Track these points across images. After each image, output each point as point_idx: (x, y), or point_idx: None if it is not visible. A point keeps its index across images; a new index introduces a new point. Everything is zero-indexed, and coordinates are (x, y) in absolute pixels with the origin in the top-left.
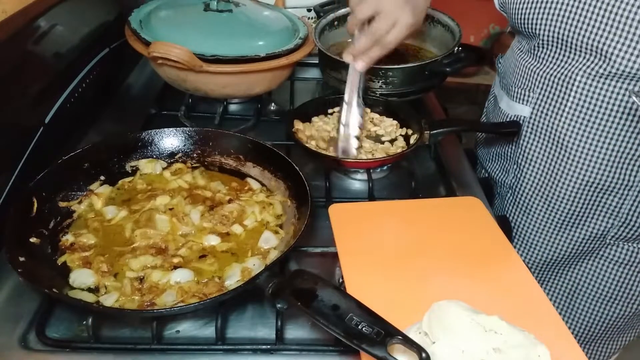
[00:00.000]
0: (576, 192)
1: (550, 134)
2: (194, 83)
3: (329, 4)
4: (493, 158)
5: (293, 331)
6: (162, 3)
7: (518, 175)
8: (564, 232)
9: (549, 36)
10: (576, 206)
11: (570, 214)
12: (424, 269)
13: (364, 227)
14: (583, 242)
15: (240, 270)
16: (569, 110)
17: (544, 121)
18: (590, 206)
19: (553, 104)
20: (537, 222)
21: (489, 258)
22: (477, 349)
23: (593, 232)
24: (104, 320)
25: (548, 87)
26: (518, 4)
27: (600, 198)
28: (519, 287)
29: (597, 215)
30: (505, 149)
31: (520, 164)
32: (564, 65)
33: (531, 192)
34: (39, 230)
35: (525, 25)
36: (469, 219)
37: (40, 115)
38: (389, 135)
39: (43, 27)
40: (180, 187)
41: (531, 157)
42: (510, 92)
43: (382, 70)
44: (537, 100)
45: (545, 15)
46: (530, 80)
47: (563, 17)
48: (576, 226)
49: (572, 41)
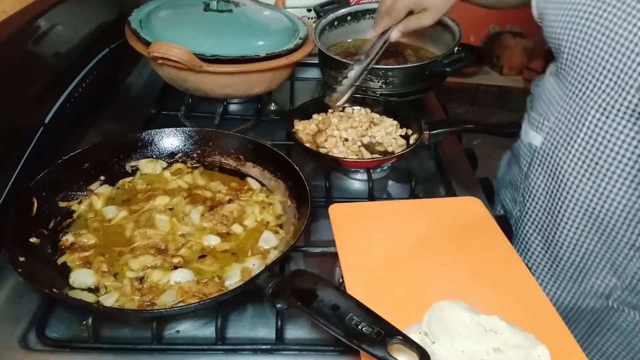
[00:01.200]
0: (577, 240)
1: (557, 170)
2: (194, 83)
3: (329, 4)
4: (506, 185)
5: (293, 331)
6: (162, 3)
7: (522, 210)
8: (564, 283)
9: (572, 55)
10: (576, 255)
11: (570, 262)
12: (424, 269)
13: (364, 227)
14: (584, 299)
15: (240, 270)
16: (577, 147)
17: (552, 155)
18: (592, 259)
19: (564, 138)
20: (536, 265)
21: (489, 258)
22: (477, 349)
23: (594, 289)
24: (104, 320)
25: (562, 118)
26: (552, 15)
27: (604, 253)
28: (519, 287)
29: (599, 271)
30: (516, 177)
31: (525, 196)
32: (581, 95)
33: (532, 230)
34: (39, 230)
35: (553, 38)
36: (469, 219)
37: (40, 115)
38: (390, 135)
39: (43, 27)
40: (180, 187)
41: (535, 191)
42: (528, 117)
43: (382, 70)
44: (550, 131)
45: (573, 31)
46: (547, 108)
47: (589, 37)
48: (576, 279)
49: (593, 64)
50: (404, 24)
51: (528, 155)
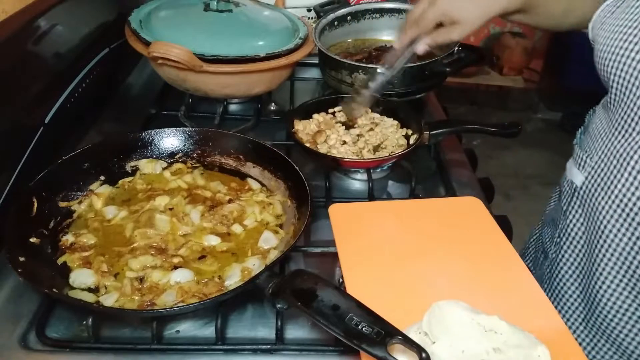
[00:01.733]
0: (611, 294)
1: (594, 214)
2: (194, 83)
3: (329, 4)
4: (549, 223)
5: (293, 331)
6: (162, 3)
7: (558, 251)
8: (596, 338)
9: (620, 89)
10: (612, 313)
11: (606, 320)
12: (424, 269)
13: (364, 227)
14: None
15: (240, 270)
16: (617, 192)
17: (592, 197)
18: (628, 320)
19: (605, 180)
20: (569, 314)
21: (489, 258)
22: (477, 349)
23: (628, 351)
24: (104, 320)
25: (605, 159)
26: (602, 44)
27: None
28: (519, 287)
29: (635, 332)
30: (557, 215)
31: (562, 237)
32: (626, 136)
33: (567, 275)
34: (39, 230)
35: (602, 68)
36: (469, 219)
37: (40, 115)
38: (390, 136)
39: (43, 27)
40: (180, 187)
41: (573, 234)
42: (575, 151)
43: None
44: (592, 171)
45: (622, 64)
46: (593, 145)
47: (637, 71)
48: (609, 338)
49: (638, 102)
50: (433, 36)
51: (569, 193)
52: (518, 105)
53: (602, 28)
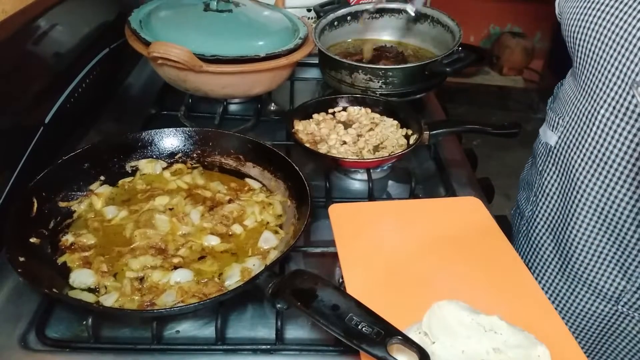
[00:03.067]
0: (587, 240)
1: (569, 169)
2: (194, 83)
3: (329, 4)
4: (524, 186)
5: (293, 331)
6: (162, 3)
7: (534, 209)
8: (573, 284)
9: (585, 54)
10: (586, 256)
11: (580, 263)
12: (424, 269)
13: (364, 227)
14: (593, 302)
15: (240, 270)
16: (588, 147)
17: (565, 154)
18: (602, 260)
19: (576, 137)
20: (546, 266)
21: (489, 258)
22: (477, 349)
23: (604, 291)
24: (104, 320)
25: (575, 118)
26: (569, 13)
27: (614, 254)
28: (519, 287)
29: (609, 274)
30: (532, 177)
31: (537, 196)
32: (592, 94)
33: (543, 230)
34: (39, 230)
35: (569, 37)
36: (469, 219)
37: (40, 115)
38: (390, 136)
39: (43, 27)
40: (179, 187)
41: (548, 190)
42: (547, 116)
43: (382, 70)
44: (564, 130)
45: (586, 29)
46: (563, 108)
47: (601, 35)
48: (585, 281)
49: (603, 63)
50: None
51: (544, 154)
52: (518, 105)
53: (568, 1)
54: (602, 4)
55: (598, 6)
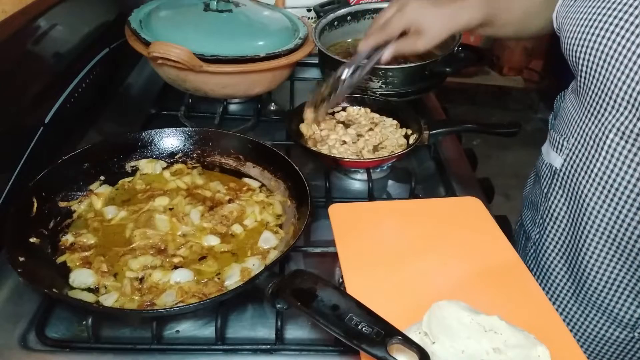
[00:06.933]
0: (599, 266)
1: (577, 195)
2: (194, 83)
3: (329, 4)
4: (528, 205)
5: (293, 331)
6: (162, 3)
7: (541, 232)
8: (587, 310)
9: (589, 74)
10: (599, 282)
11: (593, 289)
12: (424, 269)
13: (364, 227)
14: (607, 328)
15: (240, 270)
16: (597, 172)
17: (572, 178)
18: (616, 287)
19: (583, 162)
20: (558, 290)
21: (489, 258)
22: (477, 349)
23: (619, 318)
24: (103, 320)
25: (582, 141)
26: (569, 31)
27: (628, 281)
28: (519, 287)
29: (623, 301)
30: (537, 198)
31: (544, 219)
32: (599, 117)
33: (553, 254)
34: (39, 230)
35: (570, 55)
36: (469, 219)
37: (40, 115)
38: (389, 135)
39: (43, 27)
40: (179, 188)
41: (556, 215)
42: (550, 136)
43: (382, 70)
44: (570, 153)
45: (589, 49)
46: (568, 128)
47: (605, 55)
48: (599, 307)
49: (610, 85)
50: (397, 45)
51: (548, 176)
52: (518, 105)
53: (567, 16)
54: (605, 16)
55: (601, 23)
